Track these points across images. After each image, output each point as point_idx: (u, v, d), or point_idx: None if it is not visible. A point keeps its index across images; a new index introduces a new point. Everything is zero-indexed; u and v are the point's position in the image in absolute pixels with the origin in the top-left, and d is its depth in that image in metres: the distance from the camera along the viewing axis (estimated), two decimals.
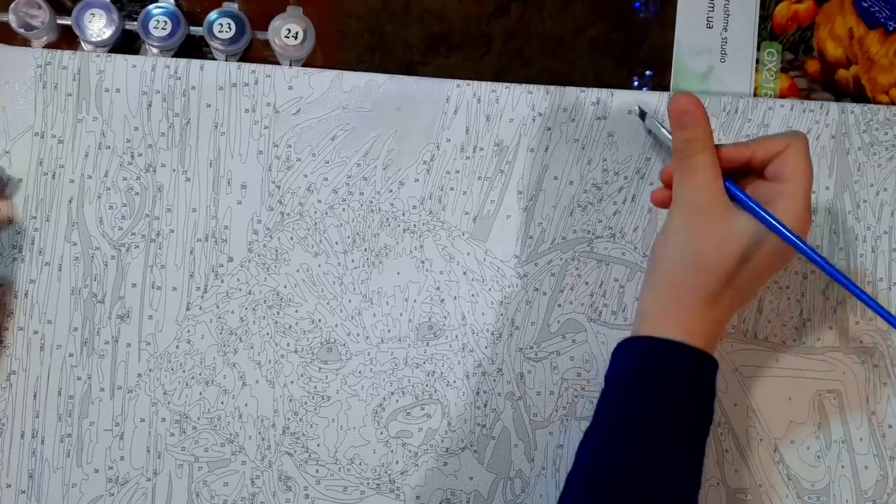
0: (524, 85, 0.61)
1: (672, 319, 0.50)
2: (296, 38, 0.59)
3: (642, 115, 0.58)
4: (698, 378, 0.50)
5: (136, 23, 0.60)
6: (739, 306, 0.52)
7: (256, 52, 0.61)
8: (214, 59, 0.61)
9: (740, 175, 0.52)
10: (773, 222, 0.48)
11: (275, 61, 0.61)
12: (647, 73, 0.61)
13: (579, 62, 0.62)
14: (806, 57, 0.64)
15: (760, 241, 0.48)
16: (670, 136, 0.53)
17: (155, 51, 0.60)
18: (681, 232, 0.50)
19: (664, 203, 0.54)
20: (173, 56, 0.61)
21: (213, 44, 0.59)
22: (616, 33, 0.62)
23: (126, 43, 0.61)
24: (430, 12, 0.62)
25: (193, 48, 0.61)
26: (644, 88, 0.62)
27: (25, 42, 0.60)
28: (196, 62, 0.59)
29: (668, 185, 0.53)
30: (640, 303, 0.53)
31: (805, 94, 0.64)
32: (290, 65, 0.60)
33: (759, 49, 0.64)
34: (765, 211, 0.49)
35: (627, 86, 0.62)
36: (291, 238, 0.59)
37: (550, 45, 0.62)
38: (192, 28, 0.60)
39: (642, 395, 0.48)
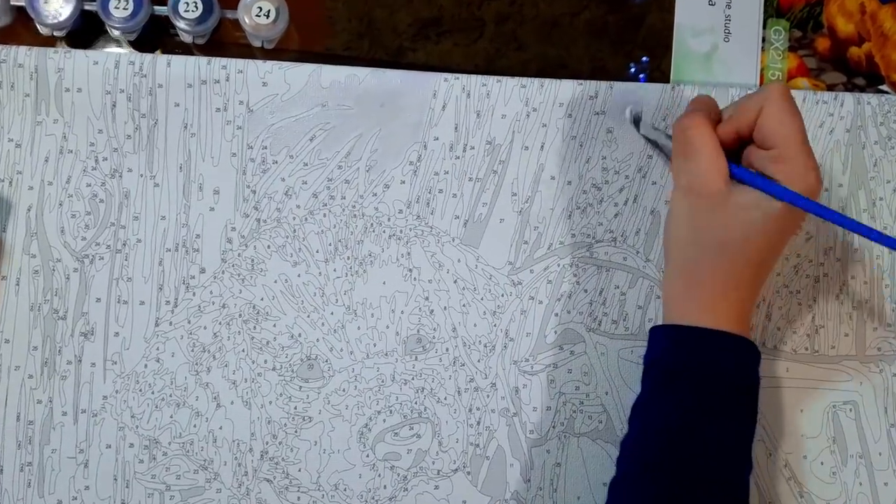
0: (517, 78, 0.59)
1: (693, 305, 0.50)
2: (267, 16, 0.58)
3: (636, 121, 0.57)
4: (735, 362, 0.50)
5: (95, 2, 0.57)
6: (762, 281, 0.52)
7: (226, 32, 0.60)
8: (181, 41, 0.60)
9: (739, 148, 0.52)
10: (777, 189, 0.48)
11: (245, 43, 0.60)
12: (644, 59, 0.61)
13: (574, 46, 0.62)
14: (815, 34, 0.63)
15: (765, 210, 0.48)
16: (670, 142, 0.53)
17: (116, 33, 0.58)
18: (683, 214, 0.51)
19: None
20: (137, 38, 0.59)
21: (179, 24, 0.58)
22: (612, 16, 0.62)
23: (86, 26, 0.59)
24: None
25: (159, 30, 0.60)
26: (642, 75, 0.61)
27: None
28: (163, 58, 0.58)
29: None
30: (662, 289, 0.54)
31: (815, 74, 0.63)
32: (263, 45, 0.59)
33: (765, 27, 0.63)
34: (765, 179, 0.48)
35: (624, 71, 0.62)
36: (268, 246, 0.58)
37: (545, 28, 0.62)
38: (156, 7, 0.58)
39: (677, 391, 0.49)
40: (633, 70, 0.61)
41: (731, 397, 0.50)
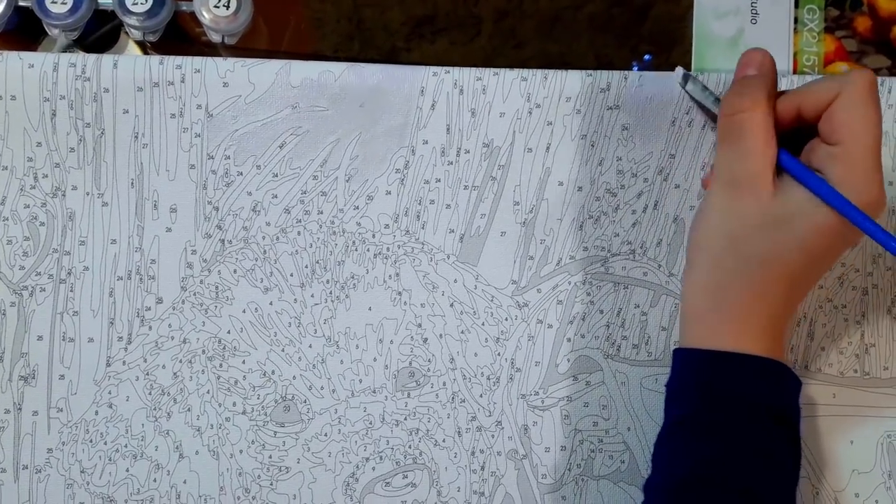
0: (516, 70, 0.57)
1: (719, 324, 0.48)
2: (227, 6, 0.57)
3: (685, 79, 0.54)
4: (771, 391, 0.47)
5: None
6: (798, 300, 0.49)
7: (182, 27, 0.59)
8: (130, 37, 0.59)
9: (797, 135, 0.49)
10: (825, 191, 0.44)
11: (207, 41, 0.59)
12: (647, 57, 0.61)
13: (577, 42, 0.62)
14: (854, 13, 0.62)
15: (813, 219, 0.45)
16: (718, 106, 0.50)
17: (56, 31, 0.56)
18: (718, 211, 0.48)
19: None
20: (80, 37, 0.57)
21: (128, 20, 0.56)
22: (616, 8, 0.62)
23: (23, 24, 0.57)
24: None
25: (106, 26, 0.59)
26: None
27: None
28: (108, 58, 0.56)
29: None
30: (682, 301, 0.50)
31: (856, 58, 0.61)
32: (224, 40, 0.58)
33: (797, 6, 0.62)
34: (814, 175, 0.45)
35: (629, 67, 0.62)
36: (235, 271, 0.56)
37: (546, 24, 0.62)
38: (100, 1, 0.57)
39: (706, 428, 0.47)
40: (635, 70, 0.60)
41: (767, 434, 0.47)
